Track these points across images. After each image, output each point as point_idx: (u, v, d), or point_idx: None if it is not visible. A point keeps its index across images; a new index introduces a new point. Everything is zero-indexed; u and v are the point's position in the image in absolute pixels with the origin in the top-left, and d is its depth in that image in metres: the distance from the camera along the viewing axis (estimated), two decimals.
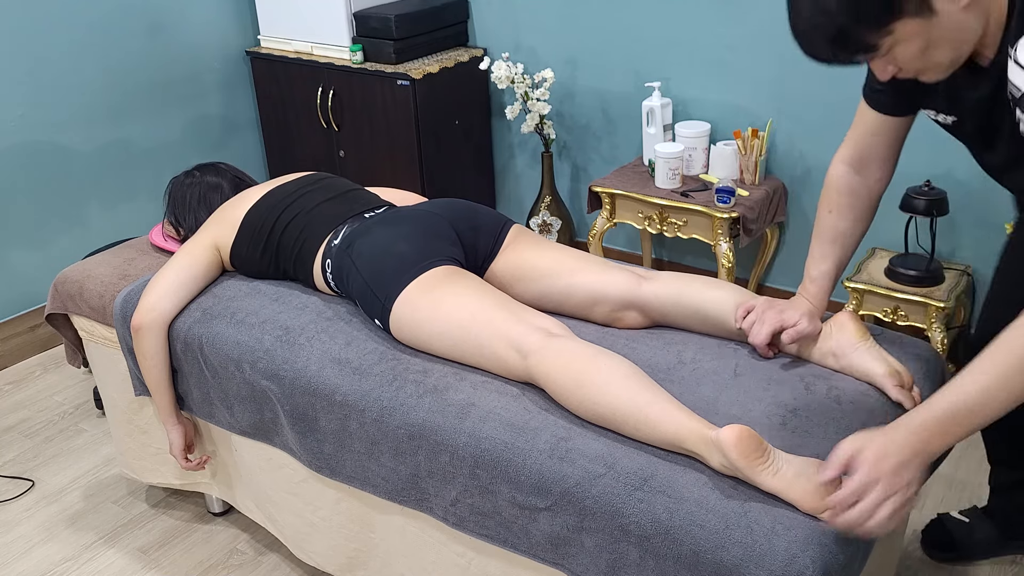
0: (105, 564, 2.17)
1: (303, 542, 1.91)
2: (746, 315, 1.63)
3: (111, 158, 3.20)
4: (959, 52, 1.24)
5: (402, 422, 1.57)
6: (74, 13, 2.99)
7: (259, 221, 1.92)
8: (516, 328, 1.57)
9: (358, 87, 3.22)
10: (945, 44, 1.23)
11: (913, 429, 1.24)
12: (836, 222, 1.57)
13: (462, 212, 1.84)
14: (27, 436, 2.65)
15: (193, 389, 1.93)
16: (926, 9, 1.18)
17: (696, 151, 2.84)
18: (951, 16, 1.19)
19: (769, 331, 1.59)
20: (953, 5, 1.19)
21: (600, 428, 1.46)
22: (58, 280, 2.16)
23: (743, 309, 1.64)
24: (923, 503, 2.24)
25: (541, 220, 3.28)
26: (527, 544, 1.48)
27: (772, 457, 1.31)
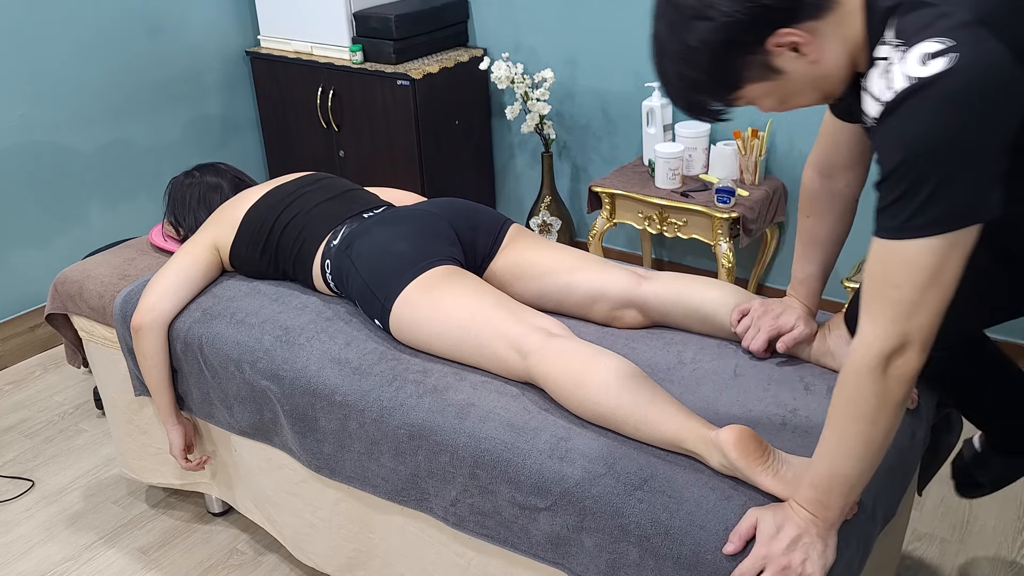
0: (105, 564, 2.17)
1: (302, 543, 1.91)
2: (740, 318, 1.64)
3: (111, 158, 3.20)
4: (825, 92, 1.20)
5: (402, 422, 1.57)
6: (74, 13, 2.99)
7: (258, 221, 1.92)
8: (516, 328, 1.57)
9: (358, 87, 3.22)
10: (804, 92, 1.19)
11: (800, 502, 1.24)
12: (814, 226, 1.55)
13: (461, 212, 1.84)
14: (27, 436, 2.65)
15: (193, 389, 1.93)
16: (771, 72, 1.16)
17: (696, 151, 2.84)
18: (801, 71, 1.16)
19: (766, 338, 1.59)
20: (800, 62, 1.15)
21: (600, 428, 1.46)
22: (58, 280, 2.16)
23: (738, 312, 1.64)
24: (923, 504, 2.24)
25: (541, 220, 3.28)
26: (527, 544, 1.48)
27: (772, 457, 1.31)
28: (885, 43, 1.09)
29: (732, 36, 1.12)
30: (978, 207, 1.05)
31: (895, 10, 1.08)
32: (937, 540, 2.13)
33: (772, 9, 1.10)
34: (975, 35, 1.02)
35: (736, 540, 1.25)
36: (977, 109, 1.01)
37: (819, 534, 1.23)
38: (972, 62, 1.01)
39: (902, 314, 1.09)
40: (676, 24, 1.15)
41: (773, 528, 1.23)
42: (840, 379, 1.17)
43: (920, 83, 1.02)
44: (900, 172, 1.05)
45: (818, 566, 1.22)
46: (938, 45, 1.02)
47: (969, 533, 2.15)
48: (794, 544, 1.22)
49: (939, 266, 1.06)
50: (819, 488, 1.21)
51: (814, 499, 1.22)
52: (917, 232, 1.06)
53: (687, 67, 1.17)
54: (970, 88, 1.01)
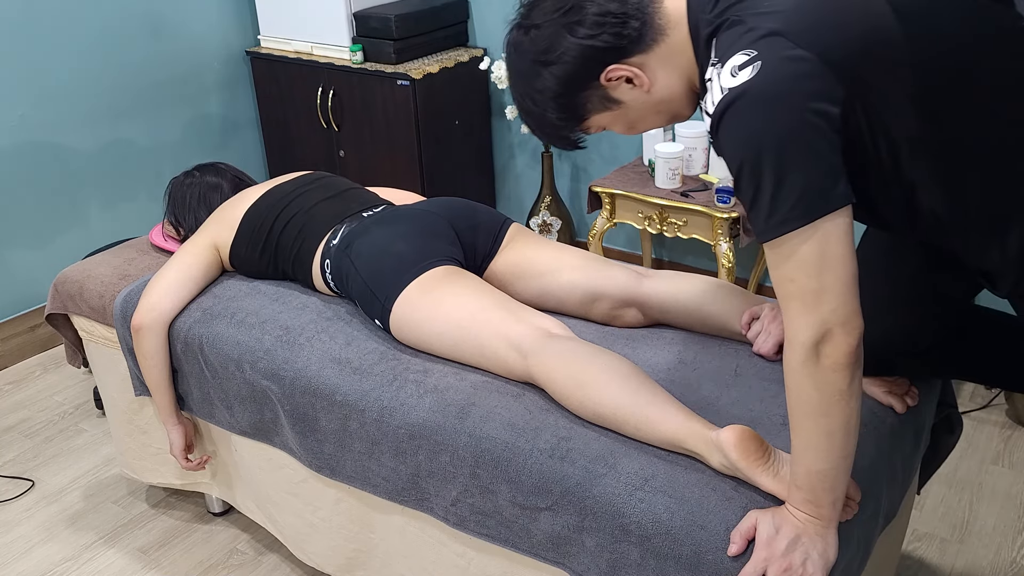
0: (105, 564, 2.17)
1: (303, 542, 1.91)
2: (751, 321, 1.64)
3: (111, 158, 3.20)
4: (671, 114, 1.30)
5: (402, 422, 1.57)
6: (75, 13, 2.99)
7: (258, 221, 1.91)
8: (516, 328, 1.57)
9: (358, 87, 3.22)
10: (648, 117, 1.31)
11: (794, 504, 1.25)
12: None
13: (461, 211, 1.84)
14: (27, 436, 2.65)
15: (193, 389, 1.93)
16: (611, 103, 1.28)
17: (696, 151, 2.84)
18: (639, 99, 1.27)
19: (775, 343, 1.59)
20: (636, 92, 1.26)
21: (601, 428, 1.46)
22: (58, 280, 2.16)
23: (748, 315, 1.64)
24: (923, 504, 2.24)
25: (541, 220, 3.28)
26: (528, 544, 1.48)
27: (773, 458, 1.31)
28: (711, 64, 1.17)
29: (570, 76, 1.25)
30: (825, 196, 1.09)
31: (714, 33, 1.18)
32: (937, 540, 2.13)
33: (601, 49, 1.23)
34: (774, 42, 1.09)
35: (738, 540, 1.25)
36: (786, 107, 1.08)
37: (817, 532, 1.23)
38: (775, 65, 1.08)
39: (809, 304, 1.12)
40: (523, 72, 1.29)
41: (772, 530, 1.24)
42: (784, 380, 1.20)
43: (733, 94, 1.10)
44: (744, 178, 1.12)
45: (819, 565, 1.22)
46: (744, 57, 1.10)
47: (969, 533, 2.15)
48: (793, 544, 1.22)
49: (819, 251, 1.10)
50: (803, 488, 1.22)
51: (802, 499, 1.23)
52: (778, 230, 1.11)
53: (539, 107, 1.30)
54: (776, 88, 1.08)
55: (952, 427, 1.74)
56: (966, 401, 2.60)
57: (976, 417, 2.54)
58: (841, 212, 1.10)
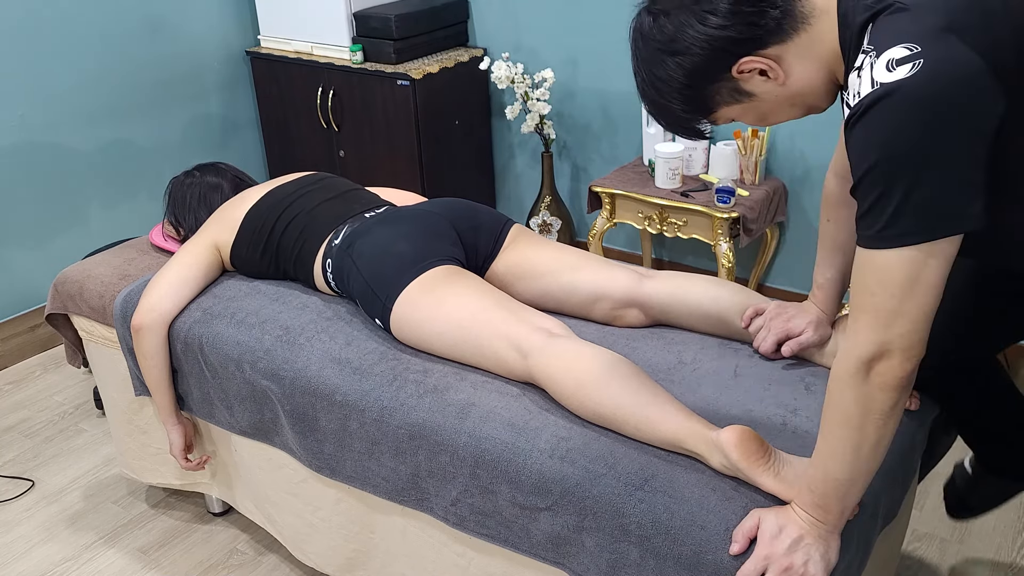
0: (105, 564, 2.17)
1: (302, 543, 1.91)
2: (753, 317, 1.63)
3: (111, 158, 3.20)
4: (806, 106, 1.22)
5: (402, 422, 1.57)
6: (75, 14, 2.99)
7: (259, 221, 1.91)
8: (517, 328, 1.57)
9: (358, 87, 3.22)
10: (782, 109, 1.22)
11: (801, 505, 1.24)
12: (835, 232, 1.55)
13: (462, 212, 1.84)
14: (27, 436, 2.65)
15: (193, 389, 1.93)
16: (742, 95, 1.19)
17: (696, 151, 2.84)
18: (772, 92, 1.18)
19: (775, 340, 1.59)
20: (770, 84, 1.17)
21: (601, 428, 1.46)
22: (58, 280, 2.16)
23: (752, 310, 1.64)
24: (923, 504, 2.24)
25: (541, 220, 3.28)
26: (528, 544, 1.48)
27: (773, 458, 1.31)
28: (863, 51, 1.08)
29: (698, 68, 1.16)
30: (953, 217, 1.03)
31: (872, 19, 1.08)
32: (937, 540, 2.13)
33: (733, 40, 1.13)
34: (942, 41, 1.01)
35: (740, 539, 1.25)
36: (941, 116, 1.00)
37: (821, 536, 1.23)
38: (937, 68, 1.00)
39: (880, 322, 1.08)
40: (647, 59, 1.20)
41: (775, 529, 1.23)
42: (828, 384, 1.18)
43: (884, 89, 1.02)
44: (869, 180, 1.05)
45: (820, 567, 1.22)
46: (904, 51, 1.01)
47: (969, 533, 2.15)
48: (796, 545, 1.22)
49: (914, 276, 1.05)
50: (816, 492, 1.22)
51: (812, 502, 1.22)
52: (890, 242, 1.05)
53: (663, 98, 1.21)
54: (933, 95, 1.00)
55: (949, 427, 1.74)
56: None
57: None
58: (957, 238, 1.04)
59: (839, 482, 1.19)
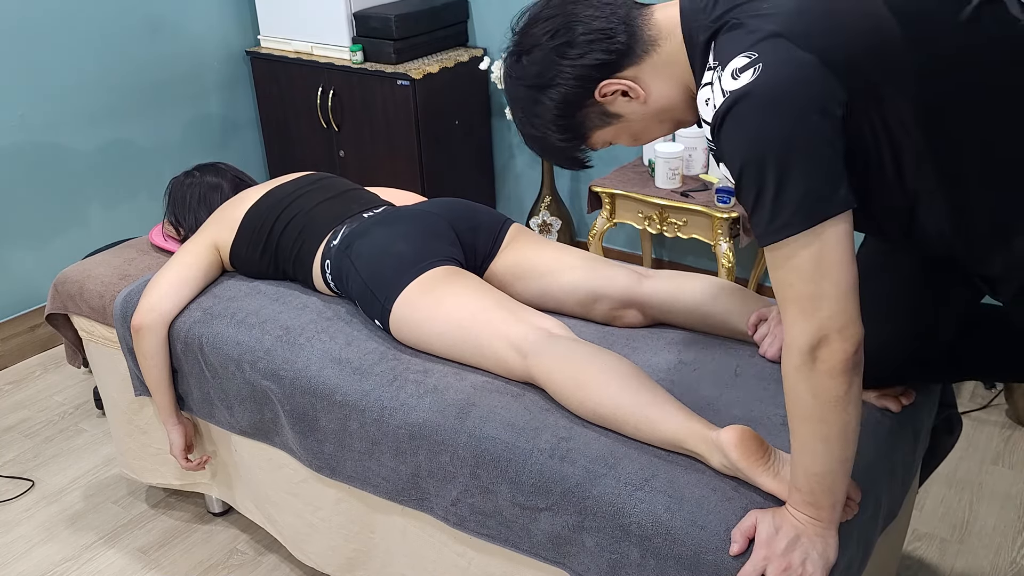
0: (105, 564, 2.17)
1: (302, 543, 1.91)
2: (757, 323, 1.64)
3: (111, 158, 3.20)
4: (674, 121, 1.30)
5: (402, 422, 1.57)
6: (74, 13, 2.99)
7: (258, 221, 1.91)
8: (516, 328, 1.57)
9: (358, 87, 3.22)
10: (651, 127, 1.31)
11: (793, 504, 1.25)
12: None
13: (461, 212, 1.84)
14: (27, 436, 2.65)
15: (193, 389, 1.93)
16: (611, 118, 1.29)
17: (696, 151, 2.84)
18: (638, 111, 1.27)
19: (780, 347, 1.59)
20: (634, 103, 1.26)
21: (601, 428, 1.46)
22: (58, 280, 2.16)
23: (756, 316, 1.64)
24: (923, 504, 2.24)
25: (541, 220, 3.28)
26: (528, 544, 1.48)
27: (773, 458, 1.31)
28: (709, 67, 1.17)
29: (565, 97, 1.26)
30: (825, 202, 1.08)
31: (714, 36, 1.17)
32: (937, 540, 2.14)
33: (592, 67, 1.24)
34: (775, 45, 1.09)
35: (739, 539, 1.25)
36: (788, 110, 1.07)
37: (817, 534, 1.23)
38: (776, 68, 1.08)
39: (806, 309, 1.12)
40: (519, 97, 1.31)
41: (772, 529, 1.24)
42: (783, 383, 1.20)
43: (733, 96, 1.10)
44: (743, 182, 1.12)
45: (819, 565, 1.22)
46: (744, 59, 1.10)
47: (969, 533, 2.15)
48: (793, 544, 1.22)
49: (818, 257, 1.10)
50: (802, 490, 1.22)
51: (802, 501, 1.23)
52: (779, 234, 1.10)
53: (539, 131, 1.31)
54: (778, 90, 1.07)
55: (952, 427, 1.74)
56: (966, 401, 2.60)
57: (976, 417, 2.54)
58: (842, 218, 1.10)
59: (820, 476, 1.20)
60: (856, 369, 1.14)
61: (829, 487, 1.20)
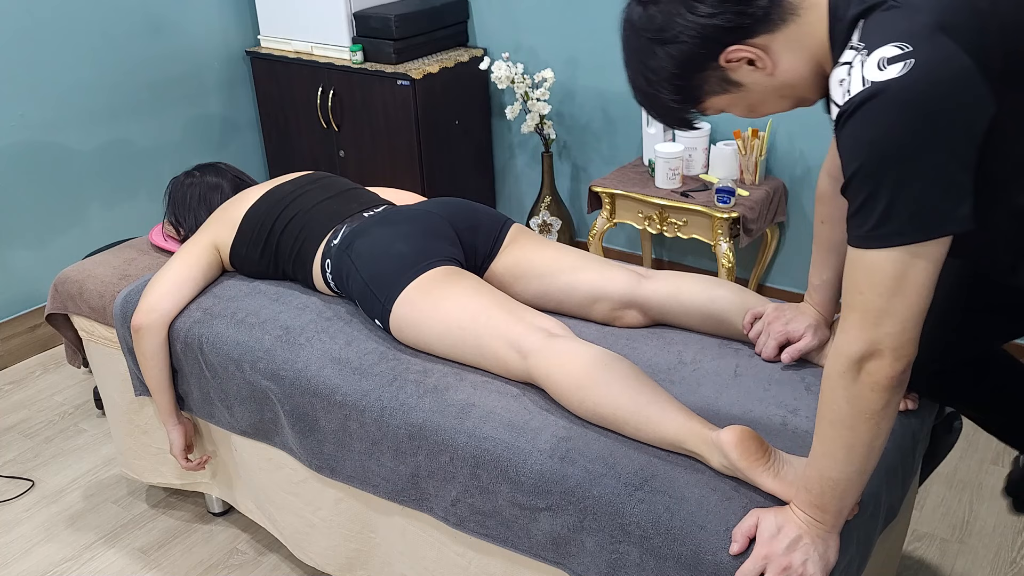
0: (105, 564, 2.17)
1: (303, 542, 1.91)
2: (752, 322, 1.64)
3: (111, 158, 3.20)
4: (795, 99, 1.21)
5: (402, 422, 1.57)
6: (74, 13, 2.99)
7: (258, 221, 1.91)
8: (516, 328, 1.57)
9: (358, 87, 3.22)
10: (770, 100, 1.21)
11: (799, 505, 1.24)
12: (829, 233, 1.55)
13: (461, 212, 1.84)
14: (27, 436, 2.65)
15: (193, 389, 1.93)
16: (730, 85, 1.19)
17: (696, 151, 2.84)
18: (760, 82, 1.18)
19: (776, 344, 1.59)
20: (757, 74, 1.17)
21: (601, 428, 1.46)
22: (58, 280, 2.16)
23: (751, 315, 1.64)
24: (923, 504, 2.24)
25: (541, 220, 3.28)
26: (528, 544, 1.49)
27: (773, 458, 1.31)
28: (851, 47, 1.07)
29: (686, 57, 1.16)
30: (941, 219, 1.03)
31: (864, 14, 1.07)
32: (937, 540, 2.14)
33: (722, 28, 1.13)
34: (934, 40, 1.00)
35: (739, 538, 1.25)
36: (931, 117, 0.99)
37: (819, 535, 1.23)
38: (928, 69, 0.99)
39: (869, 321, 1.08)
40: (637, 49, 1.20)
41: (774, 528, 1.24)
42: (821, 383, 1.18)
43: (875, 88, 1.01)
44: (858, 180, 1.05)
45: (819, 567, 1.22)
46: (896, 50, 1.01)
47: (969, 533, 2.15)
48: (794, 545, 1.22)
49: (902, 275, 1.05)
50: (812, 492, 1.22)
51: (809, 502, 1.23)
52: (878, 242, 1.05)
53: (653, 88, 1.21)
54: (924, 96, 0.99)
55: (951, 427, 1.74)
56: None
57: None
58: (946, 239, 1.04)
59: (835, 481, 1.19)
60: (899, 388, 1.12)
61: (840, 494, 1.20)
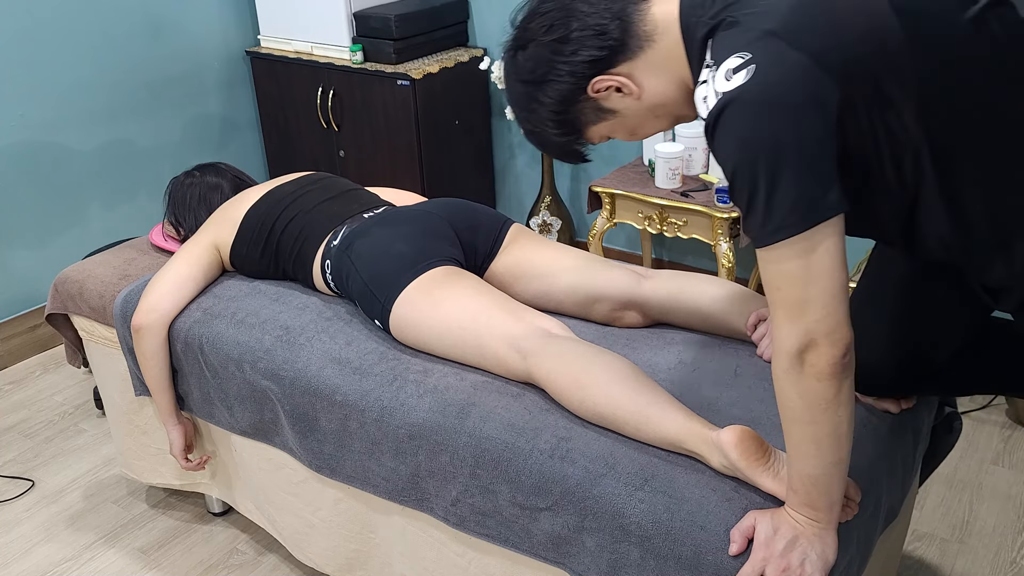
0: (105, 564, 2.17)
1: (302, 543, 1.91)
2: (756, 323, 1.64)
3: (111, 158, 3.20)
4: (672, 117, 1.28)
5: (402, 422, 1.57)
6: (74, 13, 2.99)
7: (258, 221, 1.91)
8: (516, 328, 1.57)
9: (358, 87, 3.22)
10: (647, 122, 1.29)
11: (791, 505, 1.25)
12: None
13: (461, 212, 1.84)
14: (27, 436, 2.65)
15: (193, 389, 1.93)
16: (606, 113, 1.27)
17: (696, 151, 2.84)
18: (632, 107, 1.26)
19: None
20: (628, 99, 1.25)
21: (601, 428, 1.46)
22: (58, 280, 2.16)
23: (755, 316, 1.64)
24: (923, 504, 2.24)
25: (541, 220, 3.28)
26: (528, 544, 1.48)
27: (773, 458, 1.31)
28: (706, 65, 1.15)
29: (559, 93, 1.25)
30: (816, 206, 1.07)
31: (710, 33, 1.15)
32: (937, 540, 2.14)
33: (584, 63, 1.22)
34: (768, 44, 1.07)
35: (738, 538, 1.25)
36: (779, 113, 1.06)
37: (816, 534, 1.23)
38: (768, 69, 1.06)
39: (794, 313, 1.11)
40: (517, 93, 1.31)
41: (771, 530, 1.24)
42: (774, 385, 1.20)
43: (726, 98, 1.08)
44: (737, 184, 1.11)
45: (818, 566, 1.22)
46: (738, 60, 1.08)
47: (969, 533, 2.15)
48: (792, 545, 1.22)
49: (806, 264, 1.09)
50: (798, 492, 1.22)
51: (799, 502, 1.23)
52: (772, 238, 1.10)
53: (537, 126, 1.31)
54: (767, 93, 1.06)
55: (951, 427, 1.74)
56: (966, 401, 2.60)
57: (976, 417, 2.54)
58: (833, 222, 1.09)
59: (814, 478, 1.20)
60: (845, 372, 1.13)
61: (825, 489, 1.20)
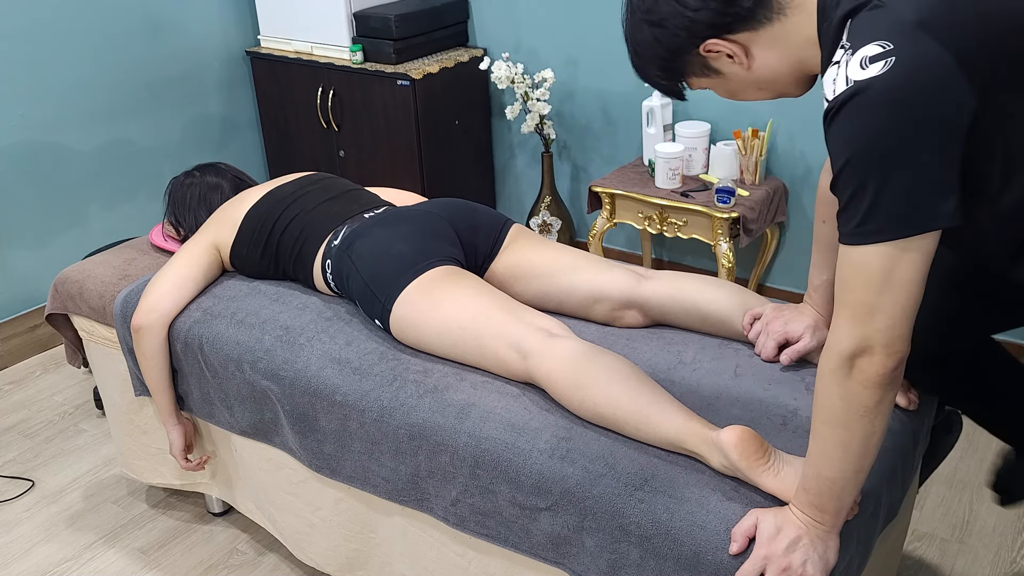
0: (105, 564, 2.17)
1: (303, 543, 1.91)
2: (752, 322, 1.64)
3: (111, 158, 3.20)
4: (775, 92, 1.25)
5: (402, 422, 1.57)
6: (74, 13, 2.99)
7: (259, 222, 1.91)
8: (516, 328, 1.57)
9: (358, 87, 3.22)
10: (748, 91, 1.26)
11: (797, 505, 1.24)
12: (830, 233, 1.54)
13: (461, 212, 1.84)
14: (27, 436, 2.65)
15: (193, 389, 1.93)
16: (710, 72, 1.24)
17: (696, 151, 2.84)
18: (739, 74, 1.22)
19: (775, 345, 1.59)
20: (736, 67, 1.21)
21: (601, 428, 1.46)
22: (58, 280, 2.16)
23: (750, 316, 1.64)
24: (923, 504, 2.24)
25: (541, 220, 3.28)
26: (528, 544, 1.49)
27: (773, 458, 1.31)
28: (841, 46, 1.09)
29: (670, 41, 1.21)
30: (926, 214, 1.04)
31: (852, 14, 1.09)
32: (937, 540, 2.14)
33: (704, 23, 1.17)
34: (915, 38, 1.01)
35: (739, 538, 1.25)
36: (911, 114, 1.01)
37: (819, 536, 1.23)
38: (908, 66, 1.00)
39: (859, 317, 1.09)
40: (631, 24, 1.26)
41: (773, 529, 1.23)
42: (815, 381, 1.18)
43: (857, 86, 1.03)
44: (844, 177, 1.07)
45: (819, 568, 1.22)
46: (877, 48, 1.02)
47: (969, 533, 2.15)
48: (794, 545, 1.22)
49: (889, 271, 1.06)
50: (810, 491, 1.22)
51: (808, 502, 1.23)
52: (865, 238, 1.06)
53: (643, 61, 1.28)
54: (904, 92, 1.00)
55: (951, 427, 1.74)
56: None
57: None
58: (931, 234, 1.05)
59: (832, 481, 1.19)
60: (892, 384, 1.12)
61: (838, 493, 1.20)
